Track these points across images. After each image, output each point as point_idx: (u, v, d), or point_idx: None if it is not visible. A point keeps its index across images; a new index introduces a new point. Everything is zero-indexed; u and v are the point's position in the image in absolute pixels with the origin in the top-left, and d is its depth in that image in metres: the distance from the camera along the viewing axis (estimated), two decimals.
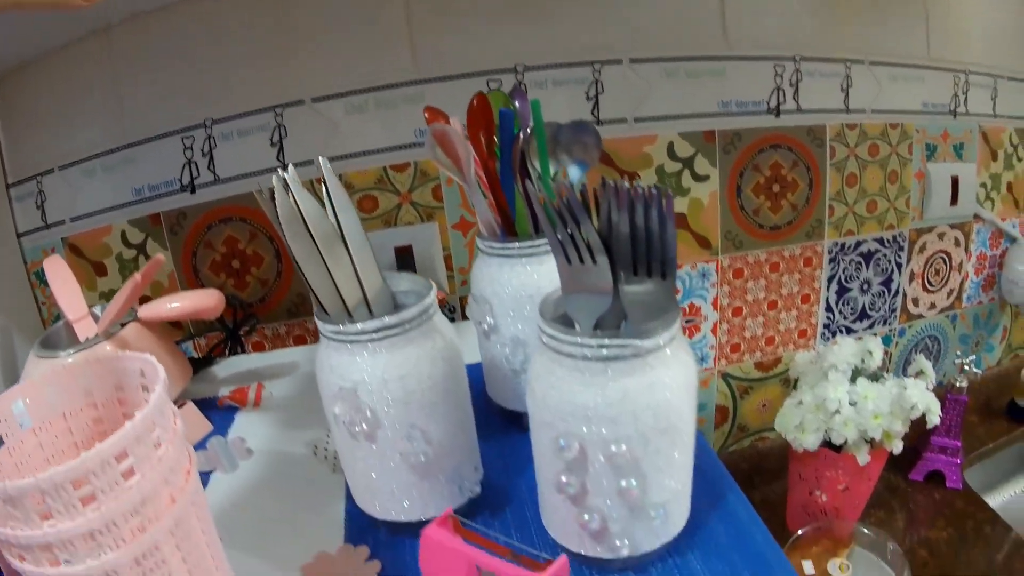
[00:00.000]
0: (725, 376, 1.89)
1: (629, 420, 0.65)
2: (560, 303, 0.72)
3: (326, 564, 0.80)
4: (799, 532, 1.54)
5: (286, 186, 0.69)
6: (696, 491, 0.81)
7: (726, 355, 1.86)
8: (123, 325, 1.10)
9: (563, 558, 0.58)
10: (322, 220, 0.71)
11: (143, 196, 1.44)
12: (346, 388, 0.74)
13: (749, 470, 1.98)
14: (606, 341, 0.64)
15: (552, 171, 0.90)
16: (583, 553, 0.76)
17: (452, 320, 1.54)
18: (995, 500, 2.04)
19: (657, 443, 0.67)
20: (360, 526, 0.86)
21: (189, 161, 1.42)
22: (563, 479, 0.69)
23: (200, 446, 1.01)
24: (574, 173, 0.90)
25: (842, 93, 1.69)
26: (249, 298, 1.52)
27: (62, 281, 1.11)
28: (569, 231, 0.64)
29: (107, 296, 1.39)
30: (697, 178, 1.64)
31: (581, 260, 0.66)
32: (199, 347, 1.56)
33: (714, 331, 1.82)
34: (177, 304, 1.12)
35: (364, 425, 0.74)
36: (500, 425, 1.04)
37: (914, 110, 1.78)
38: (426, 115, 0.93)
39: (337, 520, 0.89)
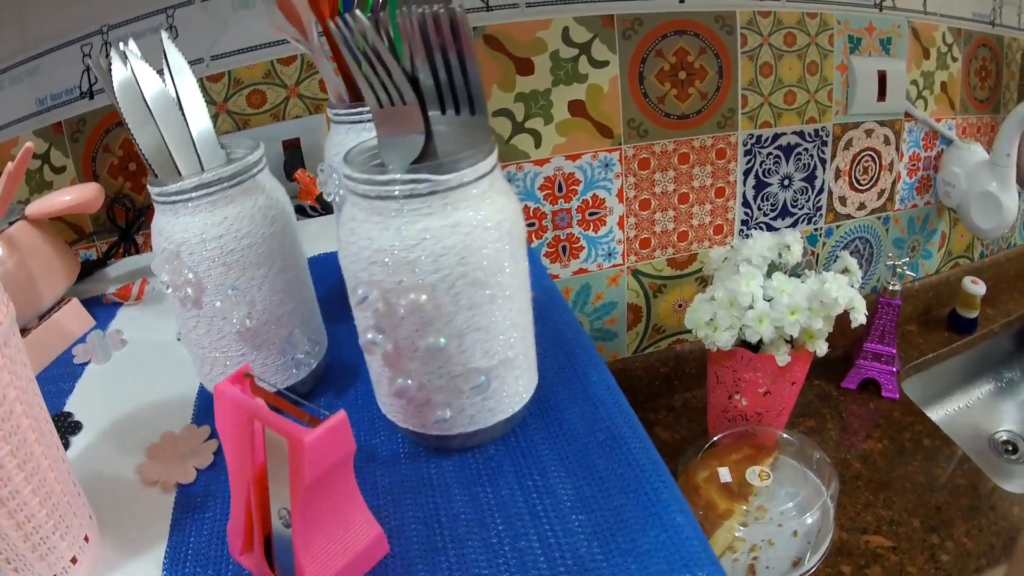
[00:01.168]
0: (636, 273, 1.86)
1: (429, 265, 0.60)
2: (376, 151, 0.68)
3: (169, 444, 0.80)
4: (715, 437, 1.52)
5: (124, 57, 0.68)
6: (552, 367, 0.79)
7: (635, 251, 1.82)
8: (11, 224, 1.10)
9: (341, 414, 0.52)
10: (159, 88, 0.70)
11: (46, 106, 1.41)
12: (170, 250, 0.72)
13: (668, 374, 1.97)
14: (397, 176, 0.58)
15: None
16: (411, 429, 0.71)
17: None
18: (935, 414, 2.04)
19: (470, 296, 0.62)
20: (207, 407, 0.86)
21: (87, 68, 1.40)
22: (369, 336, 0.64)
23: (82, 340, 1.07)
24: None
25: None
26: (146, 200, 1.49)
27: None
28: (376, 71, 0.59)
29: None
30: (595, 64, 1.59)
31: (392, 102, 0.60)
32: (100, 251, 1.52)
33: (620, 225, 1.78)
34: (58, 199, 1.12)
35: (189, 289, 0.73)
36: None
37: (835, 0, 1.74)
38: None
39: (188, 402, 0.89)
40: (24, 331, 1.02)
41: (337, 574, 0.58)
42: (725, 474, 1.45)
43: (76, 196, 1.12)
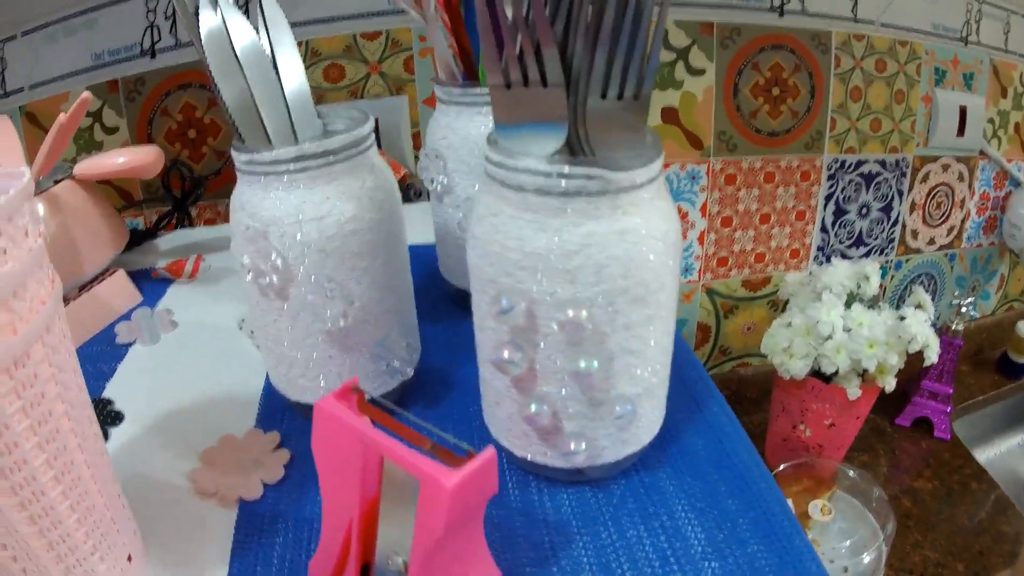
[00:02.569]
0: (710, 292, 1.76)
1: (591, 277, 0.48)
2: None
3: (229, 449, 0.67)
4: (780, 468, 1.42)
5: (214, 2, 0.55)
6: (671, 394, 0.65)
7: (712, 268, 1.73)
8: (57, 182, 0.96)
9: (490, 450, 0.41)
10: (251, 40, 0.56)
11: (103, 61, 1.31)
12: (255, 229, 0.58)
13: (729, 397, 1.84)
14: (567, 169, 0.46)
15: None
16: (529, 458, 0.59)
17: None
18: (981, 455, 1.96)
19: (628, 314, 0.50)
20: (274, 409, 0.73)
21: (151, 24, 1.29)
22: (505, 354, 0.51)
23: (127, 317, 0.92)
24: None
25: (850, 1, 1.54)
26: (204, 170, 1.39)
27: (4, 138, 0.96)
28: (518, 43, 0.47)
29: None
30: (692, 71, 1.50)
31: (526, 82, 0.48)
32: (149, 222, 1.41)
33: (700, 240, 1.69)
34: (113, 159, 0.98)
35: (274, 276, 0.58)
36: (451, 307, 0.89)
37: (924, 30, 1.65)
38: None
39: (252, 401, 0.75)
40: (62, 301, 0.89)
41: None
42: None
43: (132, 158, 0.99)
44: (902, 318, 1.31)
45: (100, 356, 0.85)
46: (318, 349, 0.63)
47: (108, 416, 0.72)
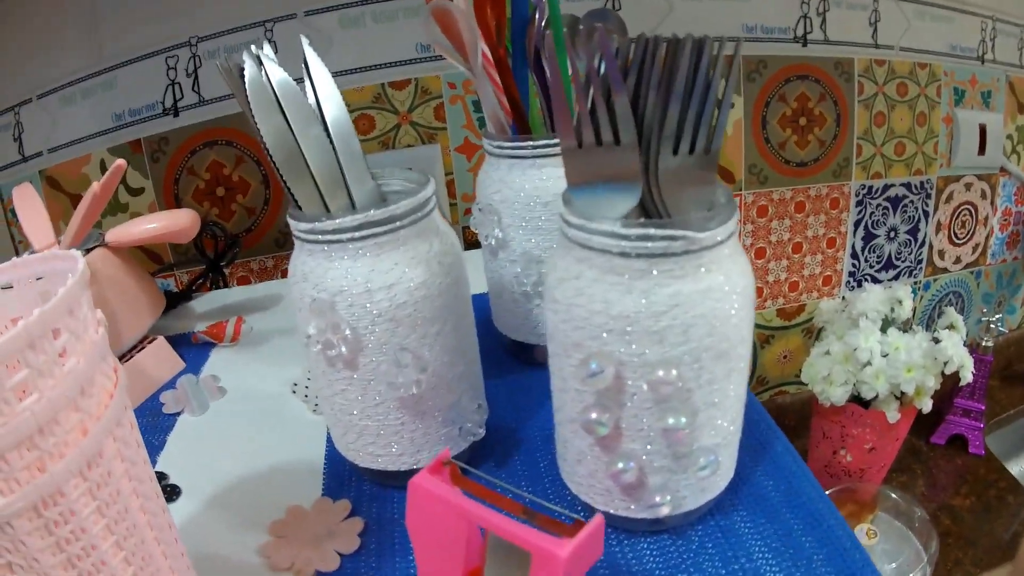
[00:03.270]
0: None
1: (679, 337, 0.48)
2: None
3: (299, 521, 0.64)
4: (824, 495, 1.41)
5: (259, 61, 0.54)
6: (743, 432, 0.65)
7: None
8: (89, 251, 0.94)
9: (599, 519, 0.41)
10: (299, 99, 0.56)
11: (123, 122, 1.30)
12: (321, 300, 0.57)
13: None
14: (652, 231, 0.46)
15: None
16: (610, 512, 0.58)
17: None
18: (1015, 468, 1.95)
19: (712, 370, 0.50)
20: (341, 476, 0.71)
21: (172, 82, 1.28)
22: (593, 416, 0.51)
23: (170, 385, 0.88)
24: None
25: (870, 27, 1.55)
26: (235, 228, 1.38)
27: (30, 209, 0.95)
28: (590, 102, 0.47)
29: None
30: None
31: (599, 141, 0.48)
32: (180, 283, 1.41)
33: None
34: (147, 226, 0.97)
35: (343, 347, 0.57)
36: (508, 360, 0.88)
37: (941, 51, 1.65)
38: None
39: (316, 469, 0.73)
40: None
41: None
42: None
43: (167, 223, 0.97)
44: (937, 340, 1.32)
45: (148, 428, 0.82)
46: (390, 416, 0.62)
47: (165, 491, 0.69)
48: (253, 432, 0.81)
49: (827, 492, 1.37)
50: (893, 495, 1.42)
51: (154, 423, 0.83)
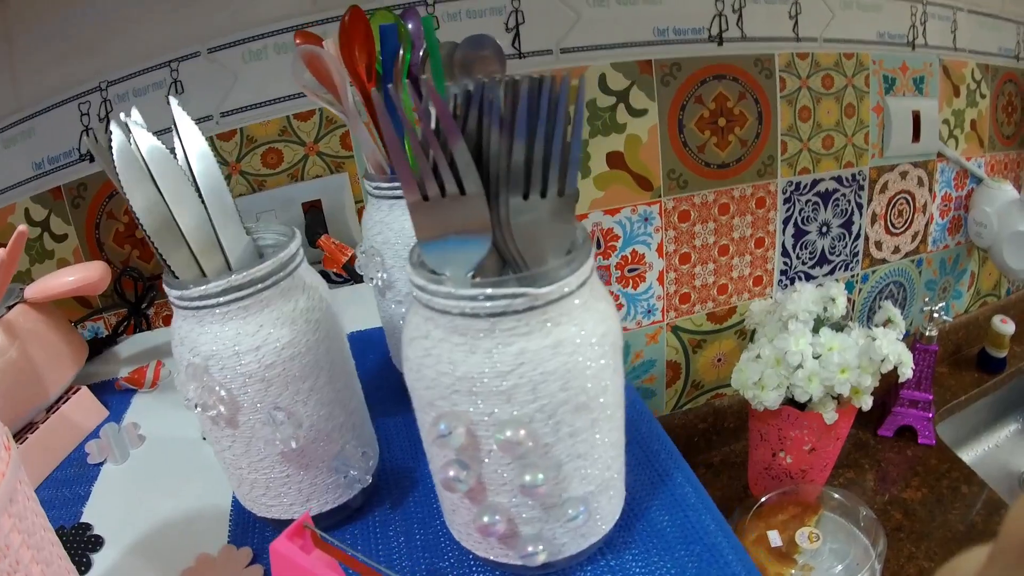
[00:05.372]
0: (675, 329, 1.76)
1: (528, 395, 0.48)
2: None
3: (206, 568, 0.67)
4: (762, 500, 1.43)
5: (127, 129, 0.55)
6: (634, 469, 0.68)
7: (675, 306, 1.73)
8: (9, 308, 0.96)
9: None
10: (169, 164, 0.56)
11: (43, 169, 1.30)
12: (196, 364, 0.58)
13: (707, 430, 1.88)
14: (489, 291, 0.47)
15: None
16: (492, 559, 0.59)
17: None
18: (968, 455, 1.97)
19: (571, 423, 0.51)
20: (245, 524, 0.73)
21: (87, 128, 1.28)
22: (451, 473, 0.51)
23: (94, 435, 0.92)
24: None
25: (791, 20, 1.55)
26: (155, 269, 1.37)
27: None
28: (431, 156, 0.47)
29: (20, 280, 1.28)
30: (634, 112, 1.50)
31: (443, 193, 0.48)
32: (109, 325, 1.40)
33: (660, 280, 1.68)
34: (63, 279, 0.99)
35: (221, 408, 0.59)
36: (405, 398, 0.88)
37: (869, 40, 1.66)
38: (297, 40, 0.75)
39: (223, 516, 0.75)
40: (31, 426, 0.90)
41: None
42: (775, 538, 1.36)
43: (80, 277, 0.99)
44: (873, 339, 1.32)
45: (75, 479, 0.85)
46: (275, 470, 0.64)
47: (88, 542, 0.73)
48: (169, 480, 0.83)
49: (767, 496, 1.39)
50: (836, 495, 1.42)
51: (81, 473, 0.86)
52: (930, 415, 1.76)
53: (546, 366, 0.48)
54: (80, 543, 0.72)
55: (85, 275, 0.98)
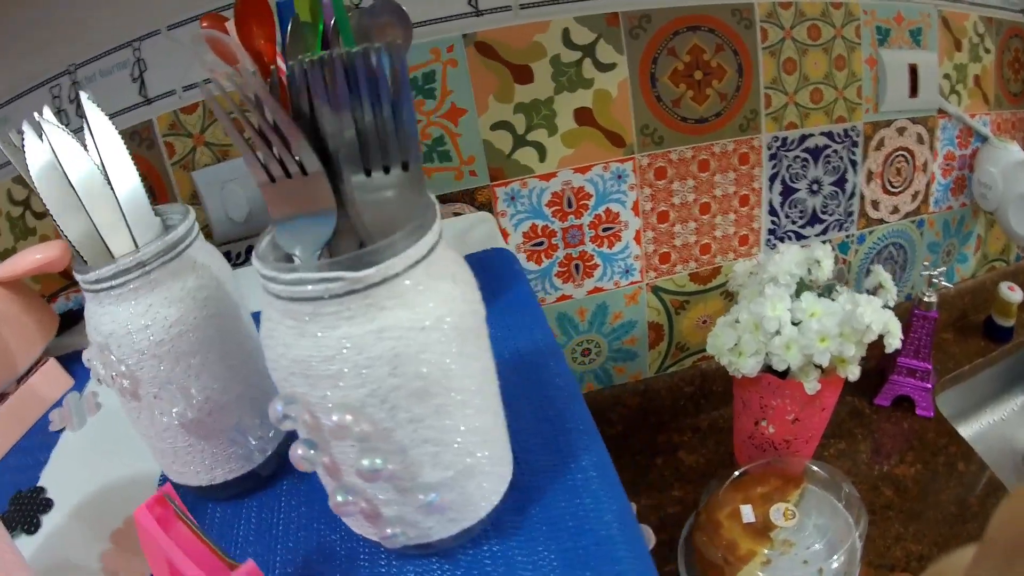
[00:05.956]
0: (656, 290, 1.76)
1: (355, 380, 0.50)
2: None
3: (132, 530, 0.75)
4: (740, 471, 1.45)
5: (39, 131, 0.62)
6: (538, 449, 0.72)
7: (655, 266, 1.73)
8: None
9: (248, 566, 0.47)
10: (80, 158, 0.63)
11: None
12: (99, 342, 0.65)
13: (694, 393, 1.89)
14: (306, 275, 0.48)
15: None
16: (366, 536, 0.64)
17: None
18: (969, 429, 1.96)
19: (410, 409, 0.52)
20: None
21: (59, 110, 1.36)
22: (299, 452, 0.53)
23: (59, 404, 1.04)
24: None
25: None
26: None
27: None
28: (264, 136, 0.49)
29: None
30: (601, 67, 1.49)
31: (288, 174, 0.50)
32: None
33: (637, 239, 1.68)
34: (30, 258, 1.09)
35: (124, 382, 0.66)
36: None
37: None
38: (203, 24, 0.76)
39: (151, 481, 0.83)
40: (1, 397, 0.99)
41: None
42: (748, 513, 1.36)
43: (42, 256, 1.08)
44: (857, 306, 1.30)
45: (37, 446, 0.95)
46: (178, 439, 0.70)
47: (40, 504, 0.83)
48: (115, 446, 0.92)
49: (748, 467, 1.39)
50: (819, 471, 1.42)
51: (43, 440, 0.96)
52: (929, 385, 1.75)
53: (371, 351, 0.49)
54: (33, 506, 0.82)
55: (46, 254, 1.07)
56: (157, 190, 1.45)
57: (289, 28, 0.70)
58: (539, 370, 0.86)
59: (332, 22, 0.73)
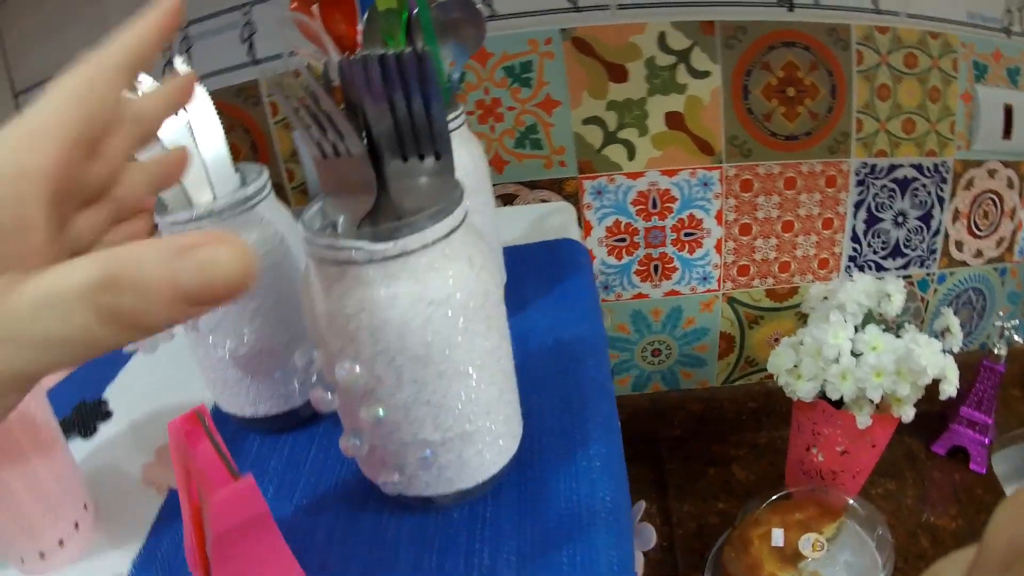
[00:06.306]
0: (731, 301, 1.80)
1: (367, 338, 0.57)
2: None
3: (164, 455, 0.87)
4: (782, 493, 1.48)
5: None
6: (555, 426, 0.79)
7: (733, 277, 1.77)
8: None
9: (247, 479, 0.54)
10: (176, 121, 0.72)
11: None
12: None
13: (757, 410, 1.92)
14: (336, 242, 0.56)
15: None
16: (377, 483, 0.71)
17: None
18: None
19: (413, 371, 0.59)
20: (216, 419, 0.85)
21: (168, 62, 1.38)
22: (317, 394, 0.61)
23: None
24: (456, 59, 0.86)
25: None
26: None
27: None
28: (319, 120, 0.56)
29: None
30: (695, 74, 1.53)
31: (337, 153, 0.57)
32: None
33: (718, 248, 1.72)
34: None
35: None
36: None
37: (958, 20, 1.60)
38: (292, 6, 0.82)
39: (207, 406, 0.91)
40: None
41: None
42: (778, 537, 1.40)
43: None
44: (916, 346, 1.31)
45: (107, 362, 1.06)
46: (227, 372, 0.80)
47: (100, 414, 0.95)
48: (180, 373, 1.01)
49: (793, 489, 1.42)
50: (861, 509, 1.44)
51: (114, 358, 1.07)
52: (987, 440, 1.74)
53: (383, 315, 0.56)
54: (93, 414, 0.94)
55: None
56: (259, 145, 1.55)
57: (367, 15, 0.77)
58: (577, 361, 0.91)
59: (415, 11, 0.80)
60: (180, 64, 0.69)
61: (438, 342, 0.58)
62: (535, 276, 1.10)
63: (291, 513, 0.74)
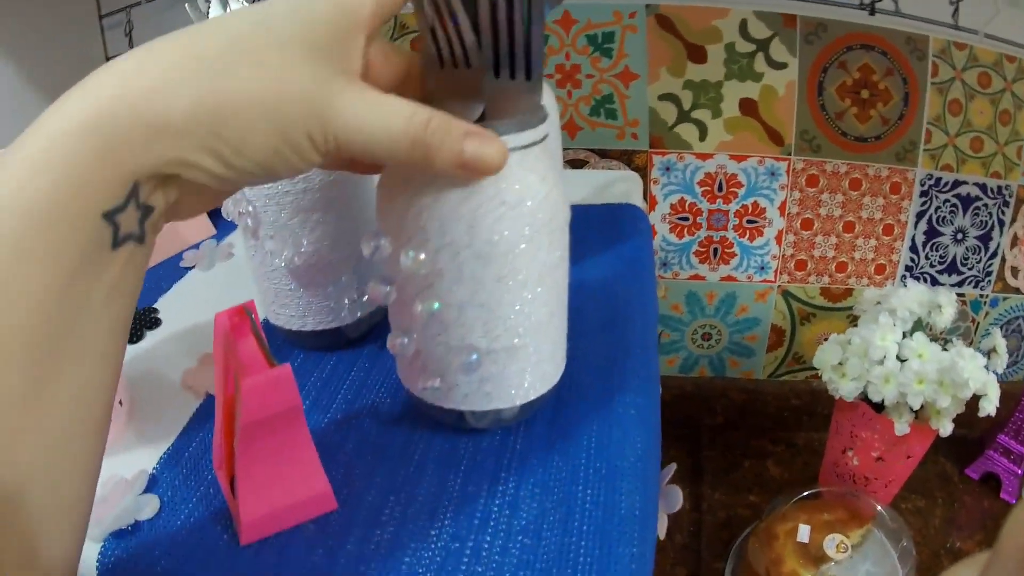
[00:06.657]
0: (786, 294, 1.83)
1: (436, 229, 0.62)
2: None
3: (205, 364, 0.91)
4: (813, 491, 1.51)
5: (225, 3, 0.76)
6: (603, 374, 0.84)
7: (789, 271, 1.80)
8: None
9: (284, 368, 0.59)
10: None
11: None
12: None
13: (800, 408, 1.94)
14: None
15: None
16: (409, 391, 0.76)
17: None
18: None
19: (474, 268, 0.64)
20: (267, 330, 0.90)
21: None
22: (376, 285, 0.66)
23: (195, 247, 1.19)
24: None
25: (951, 6, 1.54)
26: None
27: None
28: (446, 28, 0.60)
29: None
30: (773, 64, 1.58)
31: (455, 63, 0.62)
32: None
33: (778, 239, 1.76)
34: None
35: (248, 220, 0.79)
36: None
37: None
38: None
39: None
40: None
41: (272, 512, 0.64)
42: (804, 533, 1.43)
43: None
44: (960, 359, 1.34)
45: (163, 275, 1.11)
46: (281, 282, 0.84)
47: (149, 321, 1.00)
48: (234, 289, 1.07)
49: (824, 489, 1.46)
50: (888, 516, 1.47)
51: (169, 273, 1.12)
52: (1020, 471, 1.75)
53: (458, 209, 0.61)
54: (143, 321, 1.00)
55: None
56: None
57: None
58: (625, 317, 0.96)
59: None
60: None
61: (503, 243, 0.63)
62: (596, 234, 1.14)
63: (323, 425, 0.79)
